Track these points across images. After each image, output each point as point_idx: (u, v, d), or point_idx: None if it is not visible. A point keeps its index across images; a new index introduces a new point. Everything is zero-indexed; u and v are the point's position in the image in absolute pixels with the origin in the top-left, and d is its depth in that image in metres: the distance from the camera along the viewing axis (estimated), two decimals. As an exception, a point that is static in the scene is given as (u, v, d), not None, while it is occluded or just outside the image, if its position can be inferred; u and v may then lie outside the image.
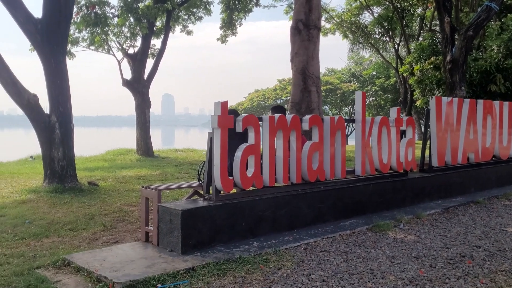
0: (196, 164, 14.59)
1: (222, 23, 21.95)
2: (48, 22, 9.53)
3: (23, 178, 10.93)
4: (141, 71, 18.07)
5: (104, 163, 14.82)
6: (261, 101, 40.24)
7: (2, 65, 9.19)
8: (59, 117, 9.51)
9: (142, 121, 17.88)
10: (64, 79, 9.74)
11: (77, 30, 17.48)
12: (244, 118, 5.37)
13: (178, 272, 4.31)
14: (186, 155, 18.20)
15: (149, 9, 16.40)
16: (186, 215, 4.88)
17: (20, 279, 4.22)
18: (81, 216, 6.93)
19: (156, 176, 11.68)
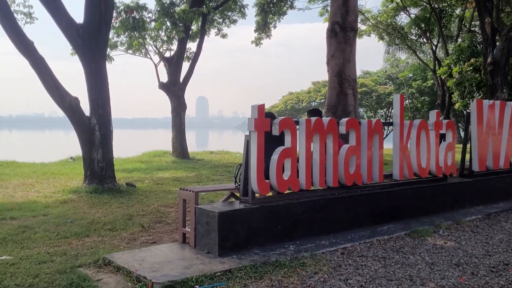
0: (231, 166, 14.69)
1: (257, 26, 22.06)
2: (89, 27, 9.81)
3: (64, 179, 11.26)
4: (177, 74, 18.34)
5: (141, 165, 15.10)
6: (295, 103, 40.10)
7: (46, 70, 9.52)
8: (99, 120, 9.76)
9: (178, 123, 18.13)
10: (103, 83, 10.00)
11: (116, 34, 17.89)
12: (281, 121, 5.38)
13: (215, 273, 4.34)
14: (221, 157, 18.34)
15: (185, 13, 16.63)
16: (223, 217, 4.92)
17: (63, 277, 4.35)
18: (120, 216, 7.08)
19: (192, 178, 11.81)
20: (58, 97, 9.69)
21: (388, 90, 36.15)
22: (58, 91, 9.65)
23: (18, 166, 14.65)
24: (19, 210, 7.42)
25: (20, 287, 4.14)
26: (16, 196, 8.85)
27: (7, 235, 5.89)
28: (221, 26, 21.45)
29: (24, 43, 9.29)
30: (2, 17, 9.09)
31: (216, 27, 21.28)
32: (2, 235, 5.89)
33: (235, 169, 5.83)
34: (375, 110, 37.41)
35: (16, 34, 9.24)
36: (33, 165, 15.39)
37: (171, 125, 18.36)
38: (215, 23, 21.03)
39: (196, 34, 19.74)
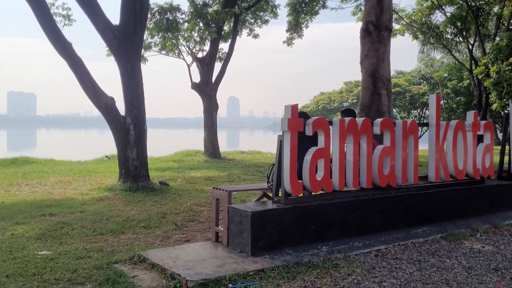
0: (262, 166, 14.71)
1: (289, 26, 22.02)
2: (125, 29, 10.00)
3: (99, 177, 11.53)
4: (209, 74, 18.50)
5: (173, 164, 15.30)
6: (326, 103, 39.82)
7: (83, 70, 9.77)
8: (133, 119, 9.95)
9: (210, 123, 18.29)
10: (138, 83, 10.18)
11: (150, 35, 18.20)
12: (314, 121, 5.36)
13: (248, 273, 4.36)
14: (252, 157, 18.39)
15: (217, 13, 16.76)
16: (256, 217, 4.93)
17: (100, 273, 4.46)
18: (154, 214, 7.20)
19: (223, 177, 11.89)
20: (94, 97, 9.92)
21: (422, 90, 35.45)
22: (94, 91, 9.88)
23: (56, 164, 15.10)
24: (57, 207, 7.64)
25: (59, 281, 4.27)
26: (54, 193, 9.12)
27: (46, 231, 6.08)
28: (253, 26, 21.51)
29: (63, 44, 9.56)
30: (43, 19, 9.38)
31: (248, 27, 21.35)
32: (42, 231, 6.08)
33: (268, 169, 5.84)
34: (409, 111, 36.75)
35: (55, 35, 9.52)
36: (70, 163, 15.83)
37: (203, 125, 18.54)
38: (247, 23, 21.11)
39: (228, 34, 19.86)
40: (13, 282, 4.22)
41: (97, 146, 33.70)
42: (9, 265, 4.68)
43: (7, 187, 9.82)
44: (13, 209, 7.40)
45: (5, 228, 6.25)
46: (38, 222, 6.61)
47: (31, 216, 6.97)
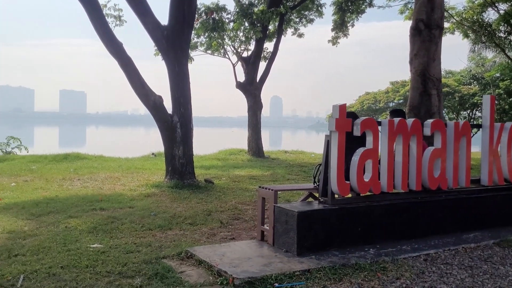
0: (306, 166, 14.64)
1: (334, 25, 21.78)
2: (173, 29, 10.20)
3: (146, 173, 11.81)
4: (254, 73, 18.59)
5: (218, 162, 15.47)
6: (371, 104, 39.05)
7: (133, 70, 10.03)
8: (180, 118, 10.13)
9: (254, 122, 18.37)
10: (185, 82, 10.36)
11: (196, 35, 18.48)
12: (363, 121, 5.28)
13: (294, 273, 4.36)
14: (295, 157, 18.33)
15: (263, 13, 16.80)
16: (302, 217, 4.92)
17: (149, 267, 4.57)
18: (200, 211, 7.31)
19: (267, 176, 11.92)
20: (143, 95, 10.17)
21: (472, 91, 34.22)
22: (143, 90, 10.13)
23: (105, 160, 15.58)
24: (107, 202, 7.89)
25: (110, 274, 4.41)
26: (104, 188, 9.42)
27: (97, 225, 6.29)
28: (297, 25, 21.43)
29: (114, 44, 9.85)
30: (96, 21, 9.70)
31: (293, 26, 21.29)
32: (93, 224, 6.30)
33: (314, 169, 5.80)
34: (458, 112, 35.56)
35: (107, 36, 9.82)
36: (118, 159, 16.29)
37: (247, 124, 18.64)
38: (291, 22, 21.05)
39: (273, 34, 19.88)
40: (67, 273, 4.39)
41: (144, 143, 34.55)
42: (64, 257, 4.88)
43: (60, 182, 10.23)
44: (67, 203, 7.71)
45: (59, 221, 6.52)
46: (89, 216, 6.85)
47: (83, 210, 7.23)
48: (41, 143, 38.47)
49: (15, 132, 24.77)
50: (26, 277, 4.25)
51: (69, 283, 4.13)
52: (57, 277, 4.29)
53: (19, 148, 19.32)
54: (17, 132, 30.76)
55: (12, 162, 14.77)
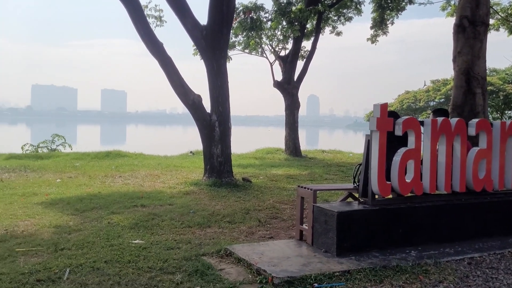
0: (344, 166, 14.48)
1: (373, 23, 21.41)
2: (212, 28, 10.29)
3: (185, 171, 11.98)
4: (291, 72, 18.53)
5: (255, 161, 15.52)
6: (411, 103, 38.22)
7: (172, 69, 10.19)
8: (218, 116, 10.22)
9: (291, 121, 18.31)
10: (224, 81, 10.44)
11: (234, 34, 18.58)
12: (405, 121, 5.18)
13: (333, 273, 4.32)
14: (333, 157, 18.17)
15: (301, 12, 16.71)
16: (342, 217, 4.87)
17: (189, 264, 4.63)
18: (238, 210, 7.35)
19: (305, 176, 11.86)
20: (182, 94, 10.32)
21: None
22: (183, 89, 10.28)
23: (145, 158, 15.92)
24: (148, 199, 8.05)
25: (152, 269, 4.50)
26: (145, 186, 9.62)
27: (139, 221, 6.43)
28: (336, 23, 21.21)
29: (155, 44, 10.04)
30: (137, 21, 9.91)
31: (331, 25, 21.09)
32: (135, 221, 6.44)
33: (354, 169, 5.73)
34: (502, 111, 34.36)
35: (148, 36, 10.02)
36: (157, 157, 16.61)
37: (284, 123, 18.60)
38: (329, 21, 20.85)
39: (311, 32, 19.76)
40: (111, 267, 4.51)
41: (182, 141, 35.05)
42: (107, 252, 5.01)
43: (103, 179, 10.52)
44: (109, 199, 7.92)
45: (102, 216, 6.70)
46: (131, 212, 7.01)
47: (125, 206, 7.41)
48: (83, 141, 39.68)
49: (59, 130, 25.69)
50: (72, 271, 4.40)
51: (113, 278, 4.24)
52: (101, 271, 4.42)
53: (64, 145, 19.97)
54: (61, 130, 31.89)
55: (57, 159, 15.29)
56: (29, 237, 5.62)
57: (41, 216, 6.70)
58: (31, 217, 6.65)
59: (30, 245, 5.27)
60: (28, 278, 4.18)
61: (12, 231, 5.90)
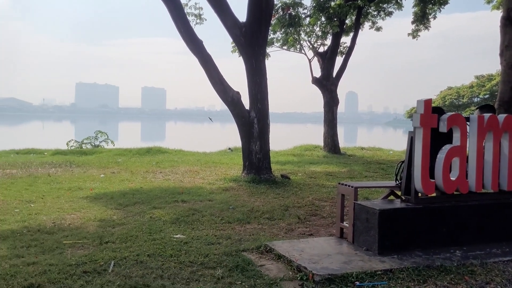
0: (384, 163, 14.24)
1: (414, 17, 20.88)
2: (251, 26, 10.31)
3: (224, 168, 12.09)
4: (330, 68, 18.35)
5: (293, 158, 15.48)
6: (454, 99, 37.22)
7: (212, 66, 10.30)
8: (257, 113, 10.25)
9: (330, 118, 18.15)
10: (262, 78, 10.45)
11: (272, 31, 18.54)
12: (450, 117, 5.03)
13: (375, 272, 4.26)
14: (372, 154, 17.89)
15: (340, 7, 16.52)
16: (384, 215, 4.79)
17: (230, 259, 4.67)
18: (277, 206, 7.36)
19: (344, 173, 11.74)
20: (222, 91, 10.40)
21: None
22: (222, 86, 10.36)
23: (184, 154, 16.16)
24: (188, 194, 8.17)
25: (193, 264, 4.56)
26: (185, 181, 9.77)
27: (179, 216, 6.54)
28: (375, 18, 20.80)
29: (195, 42, 10.16)
30: (178, 19, 10.06)
31: (371, 20, 20.71)
32: (176, 216, 6.55)
33: (396, 166, 5.62)
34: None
35: (188, 34, 10.15)
36: (196, 154, 16.83)
37: (323, 120, 18.45)
38: (369, 16, 20.48)
39: (350, 28, 19.48)
40: (153, 261, 4.61)
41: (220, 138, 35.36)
42: (149, 246, 5.12)
43: (144, 174, 10.75)
44: (150, 194, 8.09)
45: (144, 211, 6.86)
46: (172, 207, 7.14)
47: (166, 201, 7.55)
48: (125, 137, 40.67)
49: (102, 127, 26.41)
50: (116, 263, 4.52)
51: (155, 271, 4.33)
52: (144, 264, 4.52)
53: (106, 141, 20.55)
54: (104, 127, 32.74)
55: (100, 154, 15.75)
56: (75, 230, 5.82)
57: (86, 210, 6.93)
58: (77, 211, 6.88)
59: (77, 237, 5.46)
60: (75, 269, 4.32)
61: (60, 224, 6.12)
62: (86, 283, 4.02)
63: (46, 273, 4.22)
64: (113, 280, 4.07)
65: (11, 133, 57.85)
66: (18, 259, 4.66)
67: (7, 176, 10.14)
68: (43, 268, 4.34)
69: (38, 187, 8.88)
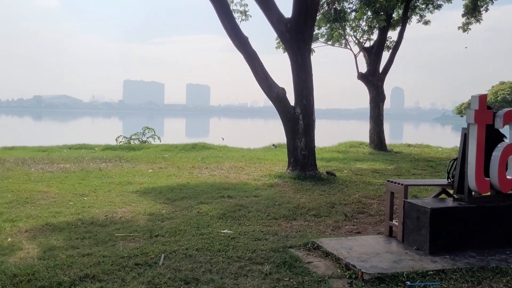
0: (432, 161, 13.84)
1: (465, 10, 20.14)
2: (297, 21, 10.25)
3: (268, 164, 12.10)
4: (376, 64, 17.99)
5: (338, 155, 15.29)
6: (507, 94, 35.71)
7: (257, 63, 10.33)
8: (302, 109, 10.19)
9: (376, 114, 17.80)
10: (308, 74, 10.38)
11: (317, 27, 18.36)
12: (506, 113, 4.84)
13: (427, 272, 4.15)
14: (420, 151, 17.42)
15: (387, 1, 16.15)
16: (436, 214, 4.66)
17: (277, 255, 4.68)
18: (323, 203, 7.30)
19: (391, 170, 11.50)
20: (267, 88, 10.41)
21: None
22: (267, 82, 10.37)
23: (229, 151, 16.30)
24: (234, 190, 8.25)
25: (241, 259, 4.60)
26: (230, 177, 9.86)
27: (226, 211, 6.61)
28: (423, 12, 20.20)
29: (241, 39, 10.22)
30: (223, 17, 10.14)
31: (418, 13, 20.12)
32: (222, 211, 6.63)
33: (448, 164, 5.45)
34: None
35: (234, 31, 10.22)
36: (240, 150, 16.94)
37: (369, 116, 18.12)
38: (417, 9, 19.91)
39: (397, 22, 19.01)
40: (202, 255, 4.69)
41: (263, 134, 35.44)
42: (198, 240, 5.21)
43: (190, 170, 10.93)
44: (197, 190, 8.22)
45: (192, 206, 6.98)
46: (218, 203, 7.22)
47: (212, 197, 7.65)
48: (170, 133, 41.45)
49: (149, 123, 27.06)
50: (166, 257, 4.62)
51: (204, 265, 4.40)
52: (193, 258, 4.60)
53: (153, 137, 21.01)
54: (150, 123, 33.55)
55: (147, 150, 16.14)
56: (126, 223, 6.00)
57: (136, 204, 7.12)
58: (127, 205, 7.08)
59: (128, 230, 5.62)
60: (128, 261, 4.46)
61: (111, 217, 6.33)
62: (138, 275, 4.13)
63: (100, 264, 4.37)
64: (163, 273, 4.17)
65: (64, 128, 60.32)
66: (74, 250, 4.85)
67: (61, 170, 10.56)
68: (97, 260, 4.49)
69: (90, 181, 9.20)
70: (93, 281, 4.00)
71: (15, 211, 6.55)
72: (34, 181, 9.05)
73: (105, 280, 4.02)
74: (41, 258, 4.58)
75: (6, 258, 4.63)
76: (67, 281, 3.97)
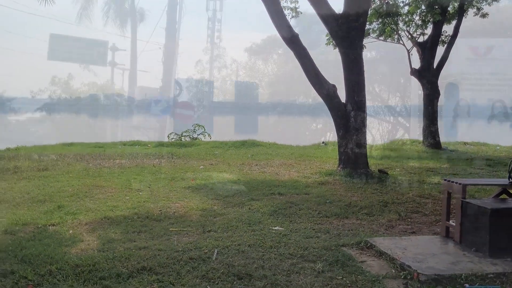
0: (491, 159, 13.26)
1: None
2: (348, 17, 10.09)
3: (318, 161, 12.01)
4: (430, 59, 17.41)
5: (390, 152, 14.96)
6: None
7: (308, 60, 10.26)
8: (354, 106, 10.03)
9: (430, 111, 17.23)
10: (360, 70, 10.20)
11: (368, 22, 17.99)
12: None
13: (486, 275, 4.02)
14: (477, 149, 16.75)
15: (442, -7, 15.61)
16: (496, 215, 4.48)
17: (329, 254, 4.66)
18: (376, 202, 7.17)
19: (446, 169, 11.13)
20: (317, 84, 10.32)
21: None
22: (317, 79, 10.28)
23: (278, 148, 16.31)
24: (284, 187, 8.25)
25: (293, 256, 4.62)
26: (280, 174, 9.87)
27: (277, 208, 6.64)
28: (481, 4, 19.34)
29: (291, 35, 10.18)
30: (274, 14, 10.14)
31: (475, 6, 19.30)
32: (273, 208, 6.66)
33: (510, 163, 5.22)
34: None
35: (285, 28, 10.19)
36: (290, 147, 16.89)
37: (423, 113, 17.59)
38: (474, 1, 19.10)
39: (452, 15, 18.32)
40: (254, 251, 4.74)
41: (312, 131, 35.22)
42: (249, 236, 5.27)
43: (241, 166, 11.03)
44: (248, 186, 8.28)
45: (243, 202, 7.05)
46: (269, 199, 7.25)
47: (263, 193, 7.69)
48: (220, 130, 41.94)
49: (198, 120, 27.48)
50: (220, 252, 4.70)
51: (257, 261, 4.45)
52: (245, 254, 4.66)
53: (203, 134, 21.34)
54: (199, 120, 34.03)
55: (198, 147, 16.42)
56: (180, 218, 6.15)
57: (189, 200, 7.27)
58: (181, 200, 7.25)
59: (181, 225, 5.76)
60: (182, 255, 4.57)
61: (166, 212, 6.50)
62: (192, 269, 4.23)
63: (156, 258, 4.51)
64: (217, 268, 4.25)
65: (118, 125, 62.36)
66: (131, 243, 5.03)
67: (117, 166, 10.94)
68: (153, 253, 4.64)
69: (145, 176, 9.48)
70: (150, 274, 4.13)
71: (76, 204, 6.86)
72: (92, 176, 9.43)
73: (161, 273, 4.15)
74: (101, 250, 4.78)
75: (68, 249, 4.87)
76: (125, 272, 4.13)
